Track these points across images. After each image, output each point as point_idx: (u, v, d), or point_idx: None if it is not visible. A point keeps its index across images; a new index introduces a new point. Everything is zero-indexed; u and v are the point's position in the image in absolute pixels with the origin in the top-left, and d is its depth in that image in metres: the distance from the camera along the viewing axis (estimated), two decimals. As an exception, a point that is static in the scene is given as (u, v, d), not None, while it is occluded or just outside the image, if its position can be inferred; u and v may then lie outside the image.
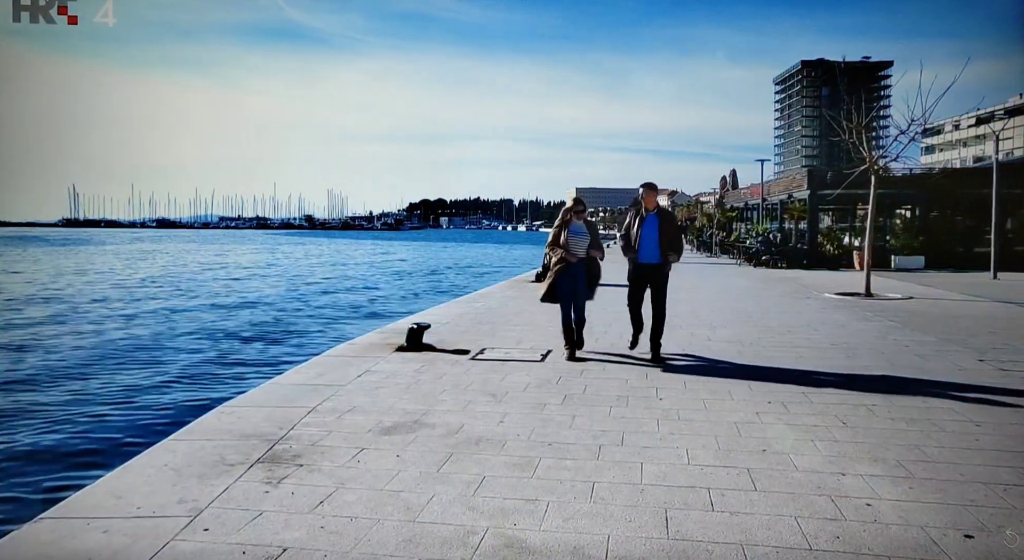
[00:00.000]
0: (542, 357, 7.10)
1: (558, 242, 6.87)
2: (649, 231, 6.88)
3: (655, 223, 6.91)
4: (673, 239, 6.93)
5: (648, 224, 6.91)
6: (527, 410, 5.10)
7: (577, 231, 6.88)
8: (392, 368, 6.54)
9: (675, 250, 6.92)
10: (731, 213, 40.56)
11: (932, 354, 7.47)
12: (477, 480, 3.71)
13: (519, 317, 10.35)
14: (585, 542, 2.99)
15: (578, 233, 6.88)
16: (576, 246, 6.85)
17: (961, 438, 4.48)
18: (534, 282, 16.57)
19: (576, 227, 6.90)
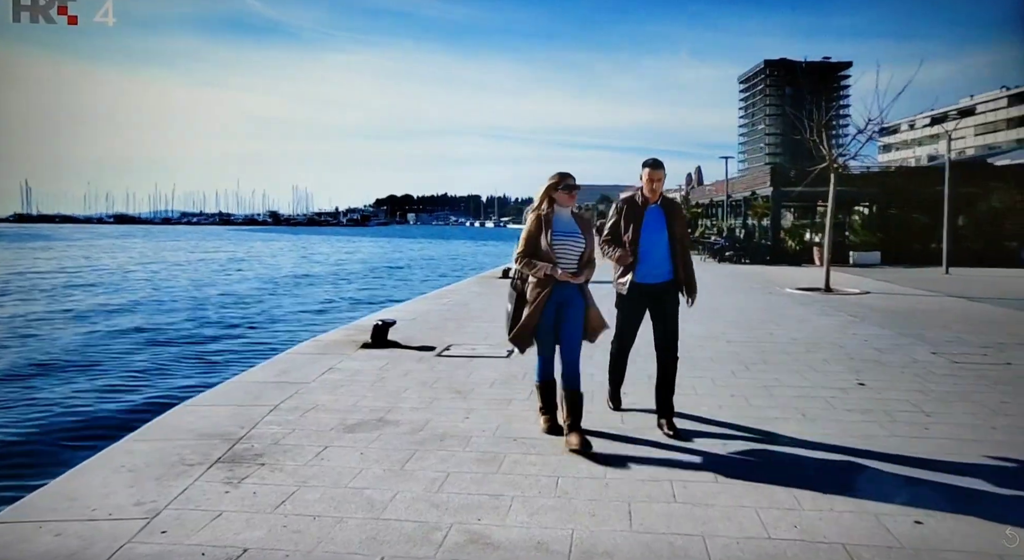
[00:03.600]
0: (508, 353, 7.09)
1: (536, 250, 4.19)
2: (653, 232, 4.57)
3: (661, 220, 4.59)
4: (686, 246, 4.75)
5: (651, 221, 4.59)
6: (493, 406, 5.10)
7: (566, 229, 4.23)
8: (356, 365, 6.48)
9: (688, 262, 4.68)
10: (696, 209, 41.10)
11: (888, 347, 7.67)
12: (442, 476, 3.70)
13: (486, 313, 10.34)
14: (549, 537, 3.01)
15: (568, 233, 4.22)
16: (567, 255, 4.19)
17: (912, 428, 4.61)
18: (501, 278, 16.59)
19: (564, 222, 4.27)
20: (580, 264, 4.24)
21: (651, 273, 4.58)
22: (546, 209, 4.26)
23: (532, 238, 4.22)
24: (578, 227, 4.28)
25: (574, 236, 4.23)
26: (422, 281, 28.56)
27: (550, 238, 4.15)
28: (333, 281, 28.88)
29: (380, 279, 30.69)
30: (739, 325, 9.22)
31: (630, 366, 5.03)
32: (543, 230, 4.19)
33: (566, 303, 4.22)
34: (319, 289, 25.27)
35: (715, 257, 25.87)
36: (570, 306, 4.23)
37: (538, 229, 4.21)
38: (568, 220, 4.29)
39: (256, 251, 54.50)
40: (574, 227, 4.27)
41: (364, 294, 23.82)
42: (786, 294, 13.82)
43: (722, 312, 10.77)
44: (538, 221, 4.23)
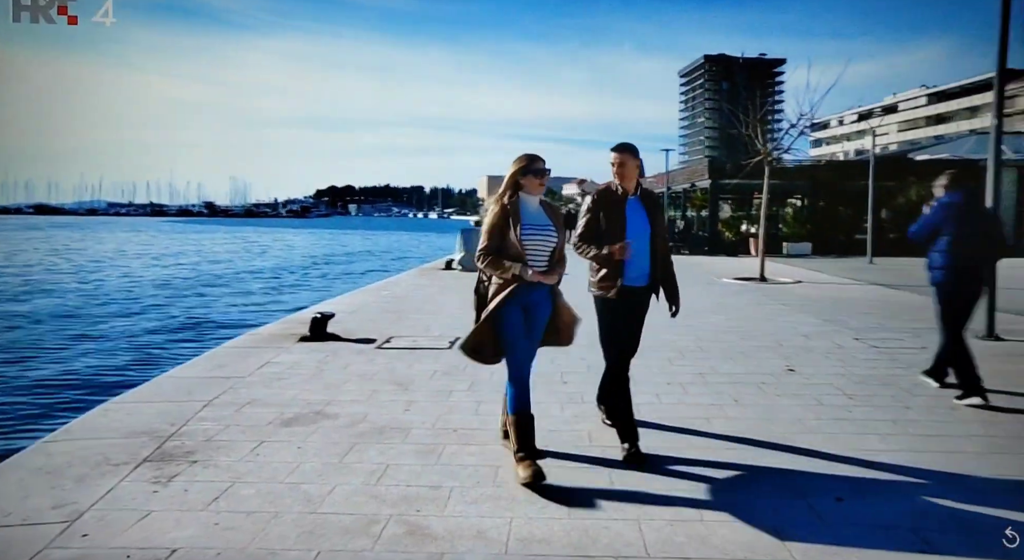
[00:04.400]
0: (450, 344, 7.09)
1: (503, 246, 3.60)
2: (636, 228, 3.96)
3: (643, 214, 4.00)
4: (667, 244, 4.22)
5: (633, 216, 3.97)
6: (433, 397, 5.08)
7: (536, 221, 3.66)
8: (295, 358, 6.35)
9: (670, 263, 4.16)
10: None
11: (815, 334, 8.00)
12: (380, 469, 3.67)
13: (428, 305, 10.29)
14: (488, 525, 3.02)
15: (538, 226, 3.66)
16: (538, 251, 3.63)
17: (836, 410, 4.83)
18: (444, 269, 16.53)
19: (533, 213, 3.69)
20: (551, 261, 3.69)
21: (633, 275, 3.97)
22: (512, 198, 3.65)
23: (497, 232, 3.59)
24: (549, 218, 3.71)
25: (545, 229, 3.65)
26: (363, 273, 28.15)
27: (519, 232, 3.56)
28: (271, 273, 28.17)
29: (320, 271, 30.10)
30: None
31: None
32: (511, 222, 3.58)
33: (533, 307, 3.66)
34: (257, 282, 24.60)
35: (655, 248, 26.38)
36: (536, 313, 3.67)
37: (504, 221, 3.58)
38: (537, 210, 3.70)
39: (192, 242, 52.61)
40: (544, 218, 3.69)
41: (303, 286, 23.32)
42: (723, 284, 14.22)
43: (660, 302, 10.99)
44: (503, 212, 3.60)
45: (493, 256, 3.59)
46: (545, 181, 3.72)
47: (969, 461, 3.85)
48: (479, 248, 3.66)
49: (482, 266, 3.65)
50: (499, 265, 3.56)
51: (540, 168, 3.68)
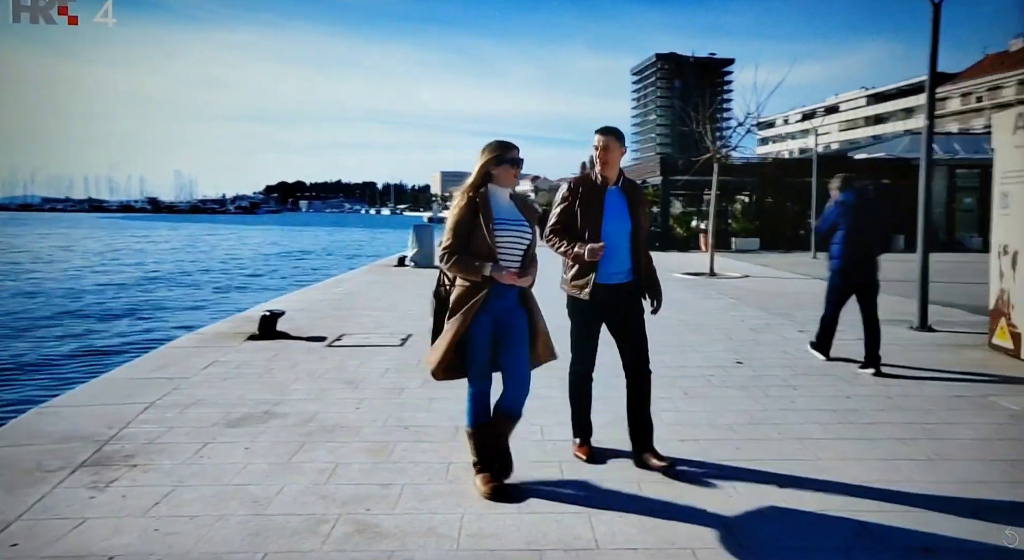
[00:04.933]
0: (402, 342, 7.02)
1: (470, 244, 3.25)
2: (616, 221, 3.67)
3: (623, 206, 3.70)
4: (647, 239, 3.85)
5: (612, 207, 3.67)
6: (385, 395, 5.03)
7: (508, 216, 3.33)
8: (243, 357, 6.20)
9: (650, 258, 3.84)
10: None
11: (762, 327, 8.21)
12: (330, 468, 3.61)
13: (380, 302, 10.18)
14: (439, 522, 3.01)
15: (511, 221, 3.32)
16: (510, 249, 3.30)
17: (781, 401, 4.97)
18: (396, 266, 16.37)
19: (504, 206, 3.35)
20: (524, 261, 3.32)
21: (613, 272, 3.64)
22: (481, 190, 3.28)
23: (464, 227, 3.21)
24: (521, 213, 3.37)
25: (518, 225, 3.30)
26: (314, 270, 27.67)
27: (491, 228, 3.20)
28: (218, 271, 27.43)
29: (270, 268, 29.46)
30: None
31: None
32: (480, 217, 3.21)
33: (506, 315, 3.28)
34: (203, 280, 23.93)
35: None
36: (511, 319, 3.31)
37: (472, 216, 3.21)
38: (508, 204, 3.35)
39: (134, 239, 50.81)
40: (516, 213, 3.35)
41: (252, 284, 22.79)
42: (674, 278, 14.46)
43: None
44: (471, 205, 3.23)
45: (459, 255, 3.21)
46: (519, 171, 3.37)
47: (903, 446, 4.00)
48: (442, 246, 3.26)
49: (446, 267, 3.25)
50: (466, 265, 3.18)
51: (515, 157, 3.33)
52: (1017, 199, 6.51)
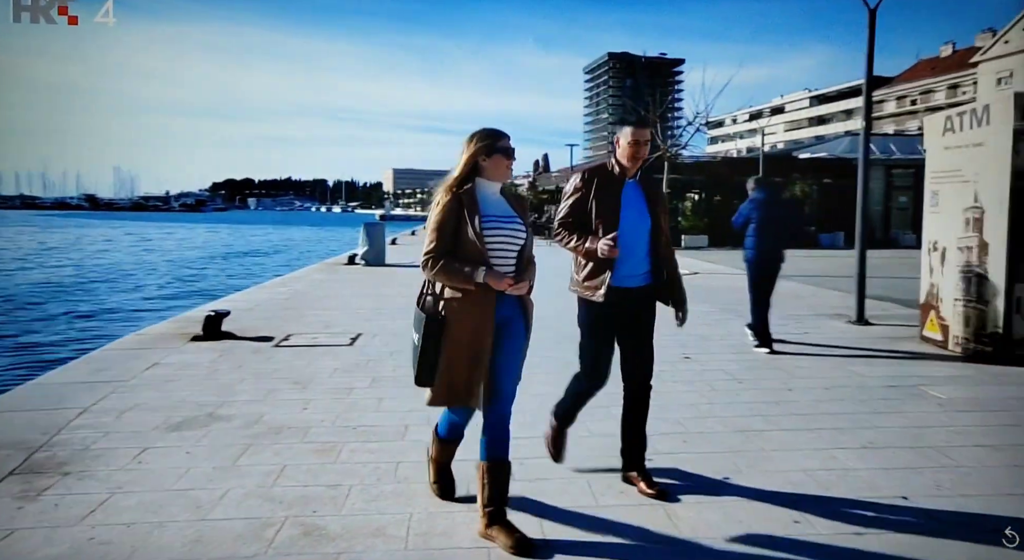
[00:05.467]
0: (351, 341, 6.94)
1: (458, 246, 2.85)
2: (634, 216, 3.32)
3: (642, 201, 3.35)
4: (669, 239, 3.51)
5: (630, 202, 3.32)
6: (333, 395, 4.96)
7: (500, 213, 2.93)
8: (186, 359, 6.03)
9: (674, 260, 3.52)
10: (543, 195, 42.42)
11: (712, 322, 8.40)
12: (276, 470, 3.55)
13: (329, 301, 10.04)
14: (387, 522, 2.99)
15: (503, 218, 2.92)
16: (504, 251, 2.89)
17: (727, 395, 5.10)
18: (347, 264, 16.15)
19: (494, 203, 2.94)
20: (520, 264, 2.91)
21: (628, 274, 3.29)
22: (468, 184, 2.87)
23: (449, 227, 2.81)
24: (513, 209, 2.96)
25: (511, 221, 2.89)
26: (262, 268, 27.08)
27: (480, 226, 2.79)
28: (162, 270, 26.58)
29: (215, 266, 28.70)
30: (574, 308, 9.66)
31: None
32: (467, 215, 2.80)
33: (506, 324, 2.89)
34: (147, 279, 23.15)
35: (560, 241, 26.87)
36: (507, 331, 2.89)
37: (457, 214, 2.81)
38: (498, 200, 2.94)
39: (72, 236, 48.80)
40: (508, 209, 2.93)
41: (197, 283, 22.16)
42: (624, 276, 14.67)
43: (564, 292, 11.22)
44: (457, 202, 2.82)
45: (445, 260, 2.79)
46: (512, 163, 2.95)
47: (840, 435, 4.15)
48: (424, 251, 2.85)
49: (430, 274, 2.84)
50: (454, 271, 2.77)
51: (508, 146, 2.91)
52: (946, 198, 6.82)
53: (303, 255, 34.77)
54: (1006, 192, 6.00)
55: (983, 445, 3.99)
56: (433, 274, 2.84)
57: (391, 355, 6.30)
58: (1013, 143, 5.95)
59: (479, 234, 2.79)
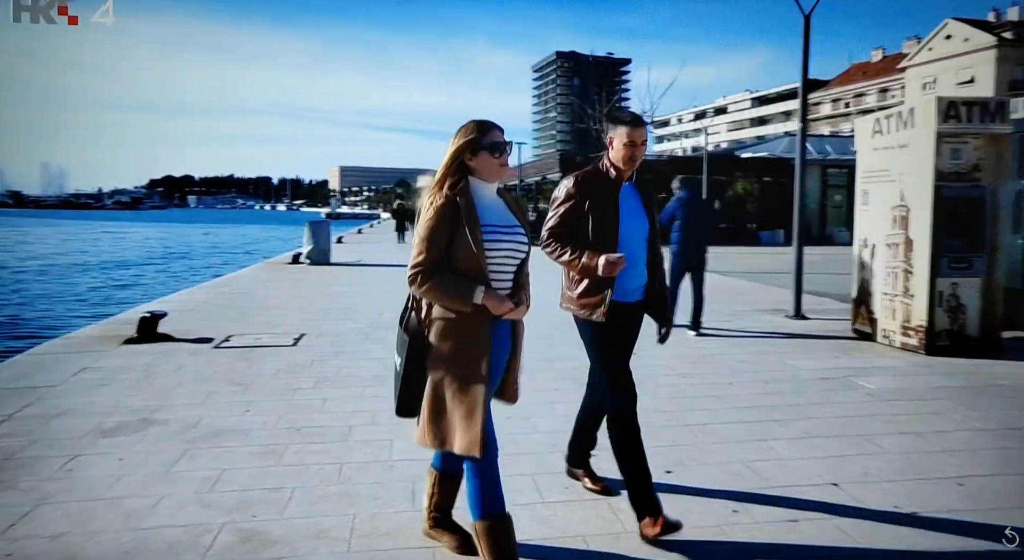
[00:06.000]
0: (295, 341, 6.81)
1: (451, 260, 2.43)
2: (633, 224, 3.03)
3: (638, 206, 3.07)
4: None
5: (628, 208, 3.02)
6: (276, 396, 4.86)
7: (499, 220, 2.52)
8: (119, 363, 5.80)
9: (664, 271, 3.22)
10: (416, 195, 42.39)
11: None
12: (215, 475, 3.45)
13: (272, 300, 9.82)
14: (330, 525, 2.94)
15: (504, 227, 2.52)
16: (505, 264, 2.52)
17: (670, 389, 5.20)
18: (291, 264, 15.82)
19: (492, 207, 2.53)
20: (518, 282, 2.56)
21: (632, 287, 3.04)
22: (460, 185, 2.43)
23: (440, 238, 2.37)
24: (514, 215, 2.57)
25: (512, 231, 2.50)
26: (204, 268, 26.27)
27: (480, 237, 2.38)
28: (96, 270, 25.50)
29: (152, 266, 27.70)
30: (528, 303, 9.74)
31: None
32: (467, 223, 2.37)
33: (496, 351, 2.49)
34: (76, 280, 22.17)
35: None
36: (497, 356, 2.50)
37: (452, 221, 2.37)
38: (496, 203, 2.53)
39: (-6, 237, 46.33)
40: (508, 215, 2.54)
41: (132, 284, 21.35)
42: (571, 273, 14.82)
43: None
44: (452, 206, 2.38)
45: (437, 275, 2.37)
46: (507, 159, 2.54)
47: (777, 427, 4.30)
48: (412, 263, 2.40)
49: (418, 291, 2.41)
50: (447, 289, 2.37)
51: (499, 141, 2.48)
52: (875, 197, 7.11)
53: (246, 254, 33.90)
54: (929, 191, 6.31)
55: (908, 432, 4.19)
56: (422, 291, 2.41)
57: (336, 355, 6.20)
58: (935, 145, 6.26)
59: (479, 246, 2.37)
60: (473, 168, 2.48)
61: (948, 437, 4.13)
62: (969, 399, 4.93)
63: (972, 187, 6.34)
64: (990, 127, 6.31)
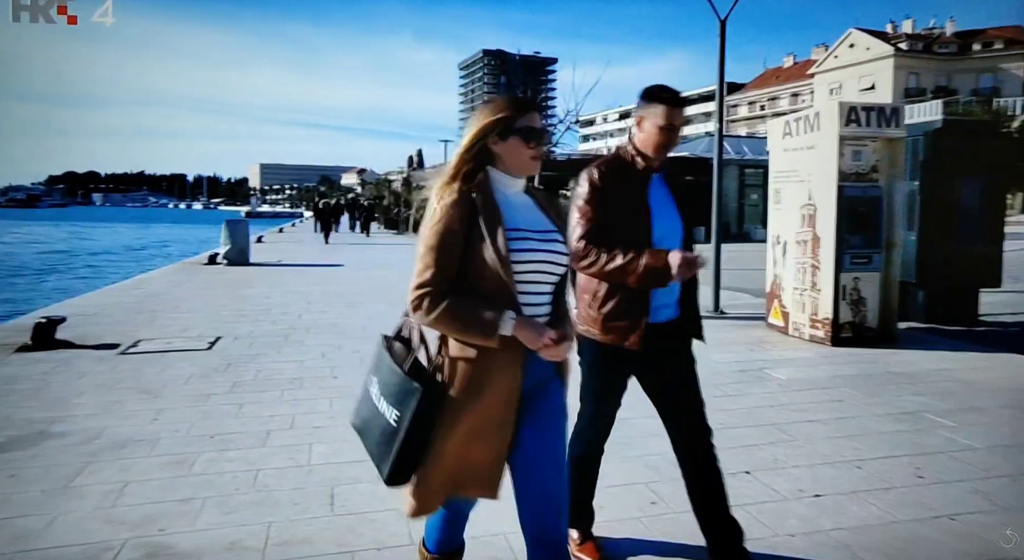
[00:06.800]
0: (209, 345, 6.53)
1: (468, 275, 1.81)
2: (667, 223, 2.53)
3: (669, 201, 2.57)
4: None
5: (658, 204, 2.52)
6: (188, 403, 4.64)
7: (531, 223, 1.88)
8: (10, 372, 5.41)
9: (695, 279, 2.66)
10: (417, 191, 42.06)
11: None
12: (119, 488, 3.26)
13: (186, 303, 9.39)
14: (243, 534, 2.83)
15: (537, 233, 1.87)
16: (541, 281, 1.86)
17: (593, 384, 5.28)
18: (207, 264, 15.19)
19: (520, 206, 1.91)
20: (558, 305, 1.94)
21: (662, 304, 2.51)
22: (478, 178, 1.87)
23: (456, 246, 1.80)
24: (548, 217, 1.95)
25: (550, 240, 1.89)
26: (112, 270, 24.87)
27: (506, 246, 1.78)
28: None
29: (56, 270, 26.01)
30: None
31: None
32: (487, 227, 1.79)
33: (531, 394, 1.89)
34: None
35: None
36: (539, 402, 1.92)
37: (468, 225, 1.80)
38: (524, 202, 1.94)
39: None
40: (542, 218, 1.93)
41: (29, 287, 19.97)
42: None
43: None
44: (467, 205, 1.81)
45: (451, 299, 1.78)
46: (542, 153, 1.91)
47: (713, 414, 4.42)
48: (417, 282, 1.80)
49: (427, 319, 1.80)
50: (465, 318, 1.76)
51: (537, 127, 1.89)
52: (786, 196, 7.45)
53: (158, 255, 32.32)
54: (833, 191, 6.66)
55: (813, 420, 4.41)
56: (432, 319, 1.79)
57: (254, 358, 5.99)
58: (838, 147, 6.61)
59: (505, 258, 1.76)
60: (498, 156, 1.89)
61: (848, 423, 4.36)
62: (868, 387, 5.23)
63: (871, 187, 6.73)
64: (886, 131, 6.72)
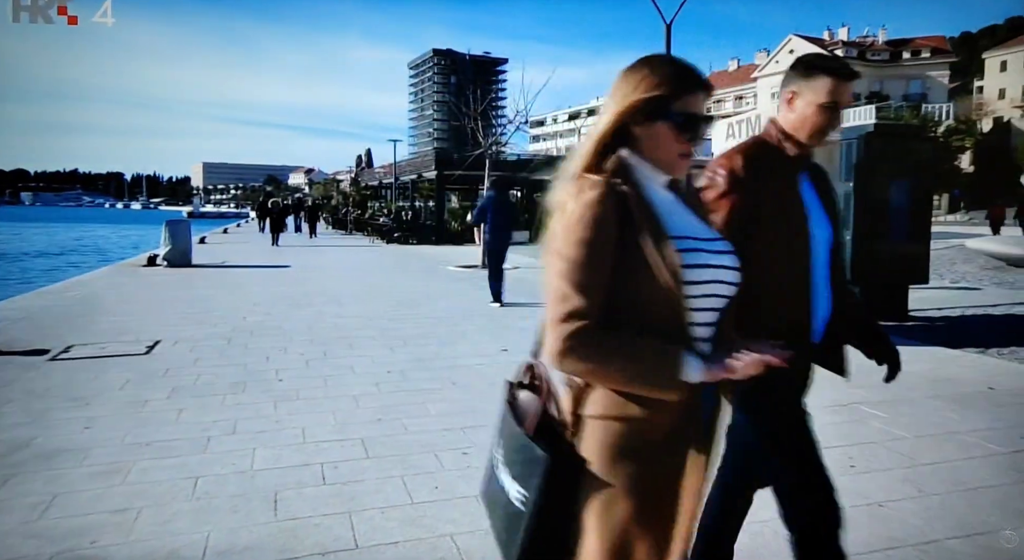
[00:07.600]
0: (148, 349, 6.31)
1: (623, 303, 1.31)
2: (816, 227, 1.91)
3: (815, 199, 1.96)
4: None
5: (809, 204, 1.93)
6: (123, 410, 4.47)
7: (693, 233, 1.37)
8: (-69, 381, 5.12)
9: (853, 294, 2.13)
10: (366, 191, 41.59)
11: (529, 315, 8.71)
12: (46, 501, 3.12)
13: (123, 306, 9.06)
14: (182, 544, 2.75)
15: (700, 243, 1.36)
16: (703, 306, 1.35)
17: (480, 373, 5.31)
18: (146, 266, 14.68)
19: (673, 208, 1.39)
20: (724, 326, 1.43)
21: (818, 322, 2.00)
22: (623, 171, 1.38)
23: (602, 260, 1.31)
24: (704, 219, 1.49)
25: (715, 245, 1.42)
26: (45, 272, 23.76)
27: (675, 258, 1.30)
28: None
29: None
30: (402, 303, 9.61)
31: None
32: (650, 232, 1.32)
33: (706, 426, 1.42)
34: None
35: (384, 238, 26.53)
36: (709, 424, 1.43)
37: (618, 230, 1.32)
38: (674, 202, 1.44)
39: None
40: (696, 220, 1.45)
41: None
42: (447, 272, 14.80)
43: (385, 291, 11.11)
44: (616, 204, 1.32)
45: (602, 335, 1.31)
46: (693, 151, 1.42)
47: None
48: (558, 314, 1.34)
49: (576, 366, 1.32)
50: (637, 361, 1.30)
51: (699, 115, 1.41)
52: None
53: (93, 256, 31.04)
54: (773, 191, 6.87)
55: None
56: (583, 366, 1.32)
57: (194, 363, 5.82)
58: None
59: (679, 276, 1.31)
60: (640, 143, 1.40)
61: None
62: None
63: (808, 188, 6.97)
64: (822, 133, 6.97)
